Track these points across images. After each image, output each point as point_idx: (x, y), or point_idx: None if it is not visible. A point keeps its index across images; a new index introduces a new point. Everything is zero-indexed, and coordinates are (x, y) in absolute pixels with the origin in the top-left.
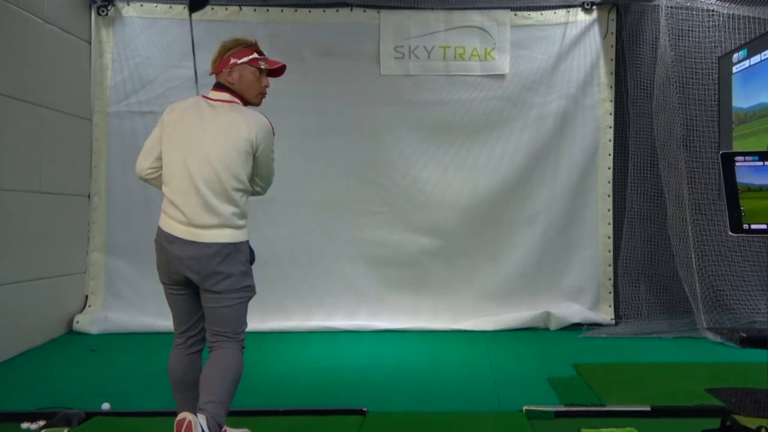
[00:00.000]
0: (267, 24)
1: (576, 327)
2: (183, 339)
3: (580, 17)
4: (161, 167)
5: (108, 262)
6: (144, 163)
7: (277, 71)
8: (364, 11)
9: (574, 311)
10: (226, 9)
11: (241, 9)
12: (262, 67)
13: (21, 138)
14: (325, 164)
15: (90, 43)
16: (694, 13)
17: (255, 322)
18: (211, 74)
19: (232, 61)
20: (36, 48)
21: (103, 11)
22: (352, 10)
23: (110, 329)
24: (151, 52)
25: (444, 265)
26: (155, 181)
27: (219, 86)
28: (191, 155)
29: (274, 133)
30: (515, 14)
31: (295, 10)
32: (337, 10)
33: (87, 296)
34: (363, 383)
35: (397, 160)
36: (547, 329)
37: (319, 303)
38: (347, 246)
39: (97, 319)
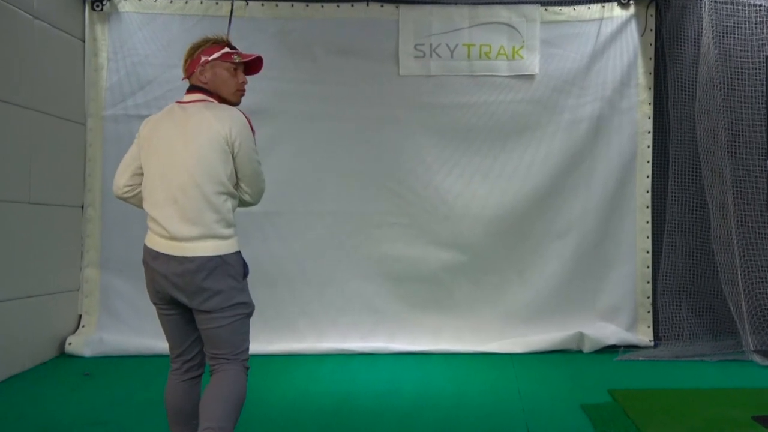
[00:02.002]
0: (276, 20)
1: (612, 349)
2: (178, 364)
3: (617, 13)
4: (139, 184)
5: (103, 279)
6: (120, 181)
7: (254, 65)
8: (382, 6)
9: (609, 332)
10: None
11: (247, 4)
12: (236, 61)
13: (8, 144)
14: (339, 173)
15: (84, 41)
16: (739, 8)
17: (263, 344)
18: (183, 79)
19: (203, 59)
20: (25, 46)
21: (97, 6)
22: (368, 4)
23: (105, 352)
24: (150, 51)
25: (468, 282)
26: (133, 200)
27: (192, 88)
28: (167, 164)
29: (253, 129)
30: (546, 9)
31: (307, 5)
32: (352, 5)
33: (80, 316)
34: (380, 411)
35: (417, 167)
36: (580, 352)
37: (333, 323)
38: (363, 261)
39: (91, 340)
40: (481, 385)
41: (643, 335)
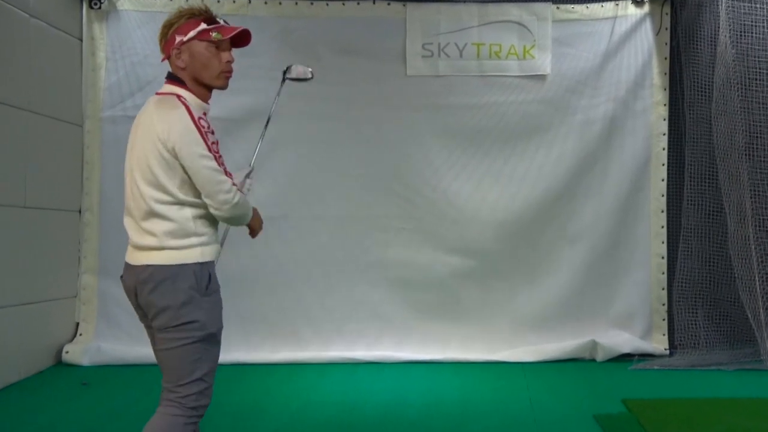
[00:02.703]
0: (279, 19)
1: (626, 358)
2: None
3: (631, 11)
4: None
5: (101, 286)
6: None
7: (240, 39)
8: (388, 4)
9: (623, 340)
10: (234, 1)
11: (250, 2)
12: (214, 38)
13: (3, 146)
14: (344, 175)
15: (81, 40)
16: (757, 6)
17: (266, 353)
18: (162, 60)
19: (177, 39)
20: (20, 45)
21: (95, 4)
22: (374, 2)
23: (104, 361)
24: (150, 50)
25: (478, 289)
26: None
27: (167, 77)
28: (126, 170)
29: (199, 129)
30: (558, 8)
31: (311, 3)
32: (358, 3)
33: (78, 324)
34: (387, 422)
35: (425, 170)
36: (593, 360)
37: (338, 331)
38: (369, 267)
39: (88, 349)
40: (491, 394)
41: (658, 343)
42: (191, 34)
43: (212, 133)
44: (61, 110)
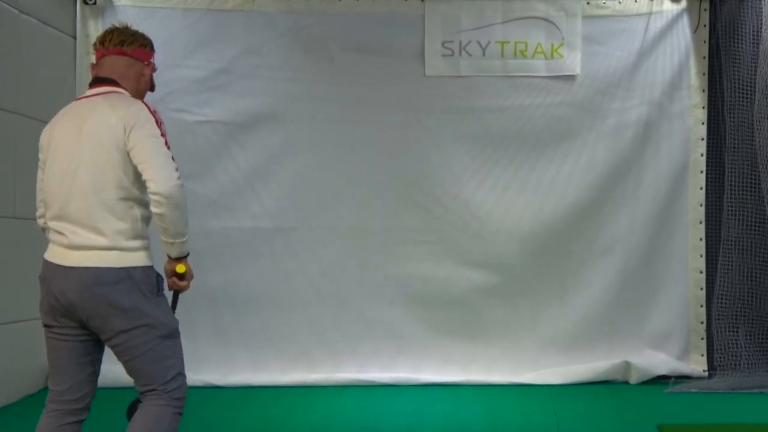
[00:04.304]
0: (288, 15)
1: (661, 380)
2: (59, 403)
3: (667, 6)
4: None
5: None
6: (39, 211)
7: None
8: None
9: (658, 361)
10: None
11: None
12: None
13: None
14: (358, 184)
15: (75, 38)
16: None
17: (274, 374)
18: (110, 53)
19: (152, 58)
20: (9, 43)
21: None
22: None
23: (99, 382)
24: None
25: (502, 306)
26: None
27: (108, 81)
28: (65, 170)
29: (156, 119)
30: (588, 3)
31: None
32: None
33: None
34: None
35: (445, 178)
36: (626, 383)
37: (352, 351)
38: (385, 283)
39: None
40: (517, 419)
41: (696, 364)
42: (154, 62)
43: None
44: (53, 113)
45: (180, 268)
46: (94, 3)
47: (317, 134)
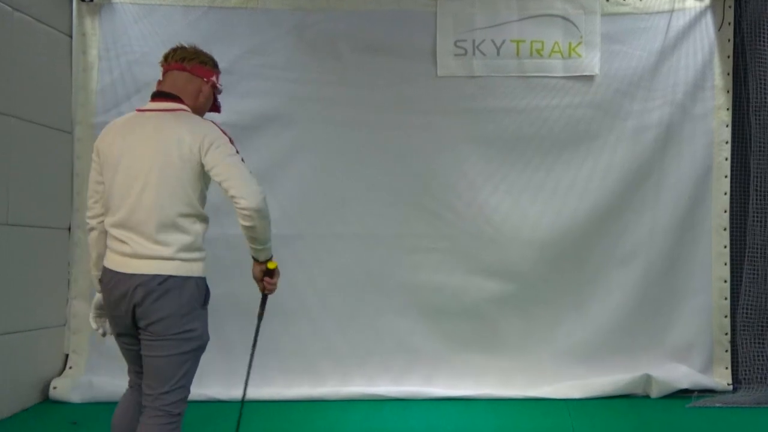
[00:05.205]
0: (294, 12)
1: (684, 394)
2: (135, 384)
3: (689, 4)
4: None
5: None
6: (91, 212)
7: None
8: None
9: (681, 374)
10: None
11: None
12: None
13: None
14: (367, 189)
15: (71, 36)
16: None
17: (279, 388)
18: (172, 69)
19: (213, 80)
20: (3, 42)
21: None
22: None
23: (96, 397)
24: (148, 48)
25: (518, 317)
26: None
27: (169, 96)
28: (131, 182)
29: (229, 138)
30: (607, 0)
31: None
32: None
33: (67, 356)
34: None
35: (458, 183)
36: (647, 397)
37: (360, 364)
38: (395, 292)
39: (79, 384)
40: None
41: (721, 378)
42: (215, 80)
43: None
44: (48, 115)
45: (272, 264)
46: (91, 0)
47: (324, 137)
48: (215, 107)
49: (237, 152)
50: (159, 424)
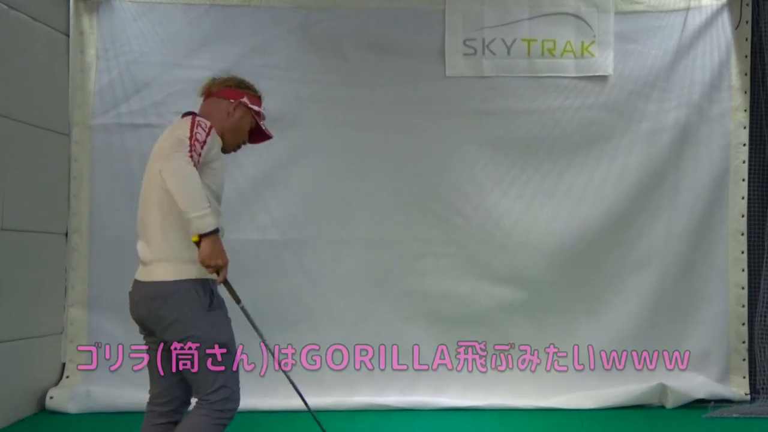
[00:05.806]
0: (297, 11)
1: (700, 404)
2: (152, 405)
3: (706, 2)
4: None
5: (91, 321)
6: None
7: (258, 138)
8: None
9: (697, 384)
10: None
11: None
12: (260, 123)
13: None
14: (373, 192)
15: (68, 36)
16: None
17: (282, 399)
18: (207, 95)
19: (244, 100)
20: None
21: None
22: None
23: (94, 408)
24: (148, 47)
25: (529, 324)
26: None
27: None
28: (142, 188)
29: (192, 133)
30: None
31: None
32: None
33: (64, 365)
34: None
35: (467, 186)
36: (662, 407)
37: (367, 373)
38: (402, 299)
39: (76, 394)
40: None
41: (738, 387)
42: (255, 107)
43: (202, 146)
44: (45, 117)
45: (194, 237)
46: None
47: (329, 139)
48: (262, 133)
49: (189, 138)
50: (200, 415)
